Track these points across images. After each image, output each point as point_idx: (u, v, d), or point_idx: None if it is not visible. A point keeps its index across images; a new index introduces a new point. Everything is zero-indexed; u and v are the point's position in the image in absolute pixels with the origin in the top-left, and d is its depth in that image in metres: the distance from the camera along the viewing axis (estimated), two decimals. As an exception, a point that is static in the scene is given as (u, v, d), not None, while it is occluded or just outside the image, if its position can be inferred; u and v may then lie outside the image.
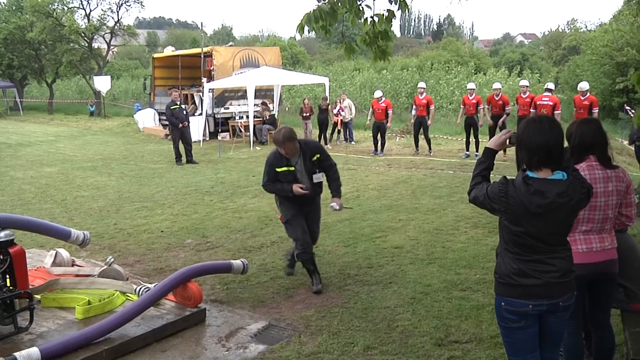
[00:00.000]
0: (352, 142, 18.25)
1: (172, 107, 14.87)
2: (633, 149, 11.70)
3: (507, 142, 3.17)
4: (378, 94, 16.51)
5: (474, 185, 3.13)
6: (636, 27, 23.30)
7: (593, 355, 3.85)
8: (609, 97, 23.93)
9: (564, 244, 3.06)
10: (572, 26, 58.65)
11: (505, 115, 14.55)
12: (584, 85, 13.59)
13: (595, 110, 13.14)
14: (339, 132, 18.57)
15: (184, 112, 15.16)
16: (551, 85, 14.09)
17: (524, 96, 14.24)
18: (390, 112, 16.04)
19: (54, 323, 4.81)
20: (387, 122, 15.87)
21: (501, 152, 13.11)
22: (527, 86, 14.66)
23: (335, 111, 18.18)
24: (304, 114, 18.77)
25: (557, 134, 2.92)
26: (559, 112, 13.21)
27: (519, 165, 3.03)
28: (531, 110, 13.39)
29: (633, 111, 18.53)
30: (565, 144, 3.11)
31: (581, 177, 3.03)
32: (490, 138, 5.11)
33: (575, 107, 13.37)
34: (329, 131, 18.32)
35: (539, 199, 2.87)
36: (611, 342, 3.81)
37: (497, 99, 14.53)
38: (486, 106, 14.81)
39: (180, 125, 14.78)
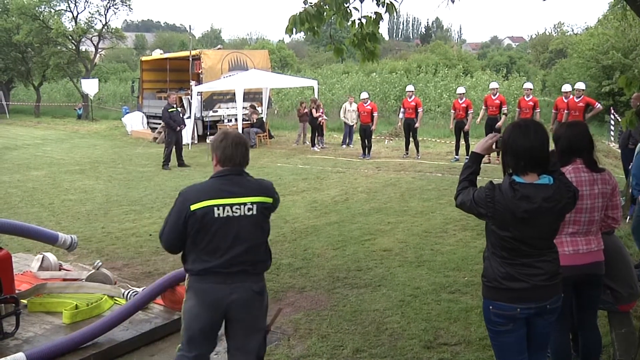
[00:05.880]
0: (350, 146, 18.20)
1: (170, 110, 14.93)
2: (619, 151, 11.65)
3: (494, 146, 3.17)
4: (364, 95, 16.48)
5: (461, 190, 3.13)
6: (621, 31, 23.56)
7: (580, 356, 3.87)
8: (596, 99, 24.04)
9: (551, 247, 3.07)
10: (559, 29, 59.12)
11: (503, 117, 14.18)
12: (580, 85, 12.91)
13: (597, 107, 12.54)
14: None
15: (181, 115, 15.23)
16: (582, 85, 13.03)
17: (527, 99, 13.98)
18: (375, 114, 15.99)
19: (40, 328, 4.77)
20: (372, 124, 15.87)
21: (494, 155, 13.06)
22: (531, 89, 14.36)
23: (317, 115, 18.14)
24: (300, 116, 18.91)
25: (543, 139, 2.93)
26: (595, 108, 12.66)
27: (505, 170, 3.04)
28: (565, 111, 12.74)
29: (617, 116, 18.64)
30: (551, 147, 3.12)
31: (567, 181, 3.04)
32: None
33: (568, 109, 12.73)
34: (309, 135, 18.37)
35: (525, 204, 2.87)
36: (598, 343, 3.84)
37: (494, 98, 14.26)
38: (483, 107, 14.71)
39: (178, 128, 14.85)
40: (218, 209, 3.25)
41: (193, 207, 3.23)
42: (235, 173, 3.36)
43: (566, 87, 13.70)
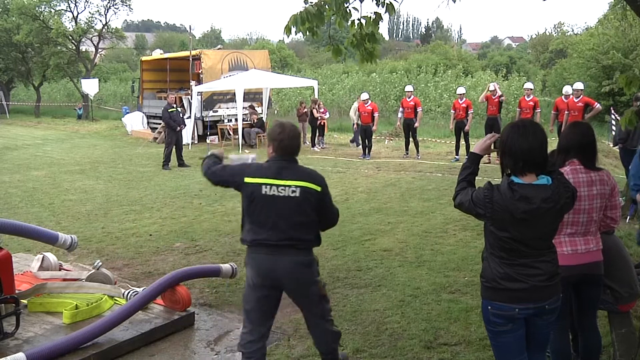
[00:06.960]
0: (351, 145, 18.22)
1: (170, 110, 14.95)
2: (618, 150, 11.64)
3: (492, 147, 3.17)
4: (364, 96, 16.45)
5: (459, 191, 3.13)
6: (621, 31, 23.56)
7: (580, 356, 3.88)
8: (596, 99, 24.02)
9: (550, 247, 3.06)
10: (559, 30, 59.22)
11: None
12: (578, 85, 12.81)
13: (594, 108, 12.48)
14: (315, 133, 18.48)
15: (181, 115, 15.31)
16: (580, 86, 12.83)
17: (527, 99, 14.00)
18: (376, 115, 15.98)
19: (40, 328, 4.77)
20: (373, 125, 15.87)
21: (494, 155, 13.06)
22: (531, 89, 14.37)
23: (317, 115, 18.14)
24: (299, 116, 18.88)
25: (541, 139, 2.92)
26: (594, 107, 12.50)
27: (504, 170, 3.03)
28: (565, 112, 12.66)
29: (617, 116, 18.61)
30: (552, 147, 3.12)
31: (565, 181, 3.04)
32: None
33: (568, 109, 12.69)
34: (309, 135, 18.32)
35: (524, 204, 2.87)
36: (598, 343, 3.84)
37: (494, 98, 14.27)
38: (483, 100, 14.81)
39: (178, 128, 14.87)
40: (266, 187, 3.63)
41: (247, 180, 3.67)
42: (289, 160, 3.72)
43: (567, 90, 13.58)
